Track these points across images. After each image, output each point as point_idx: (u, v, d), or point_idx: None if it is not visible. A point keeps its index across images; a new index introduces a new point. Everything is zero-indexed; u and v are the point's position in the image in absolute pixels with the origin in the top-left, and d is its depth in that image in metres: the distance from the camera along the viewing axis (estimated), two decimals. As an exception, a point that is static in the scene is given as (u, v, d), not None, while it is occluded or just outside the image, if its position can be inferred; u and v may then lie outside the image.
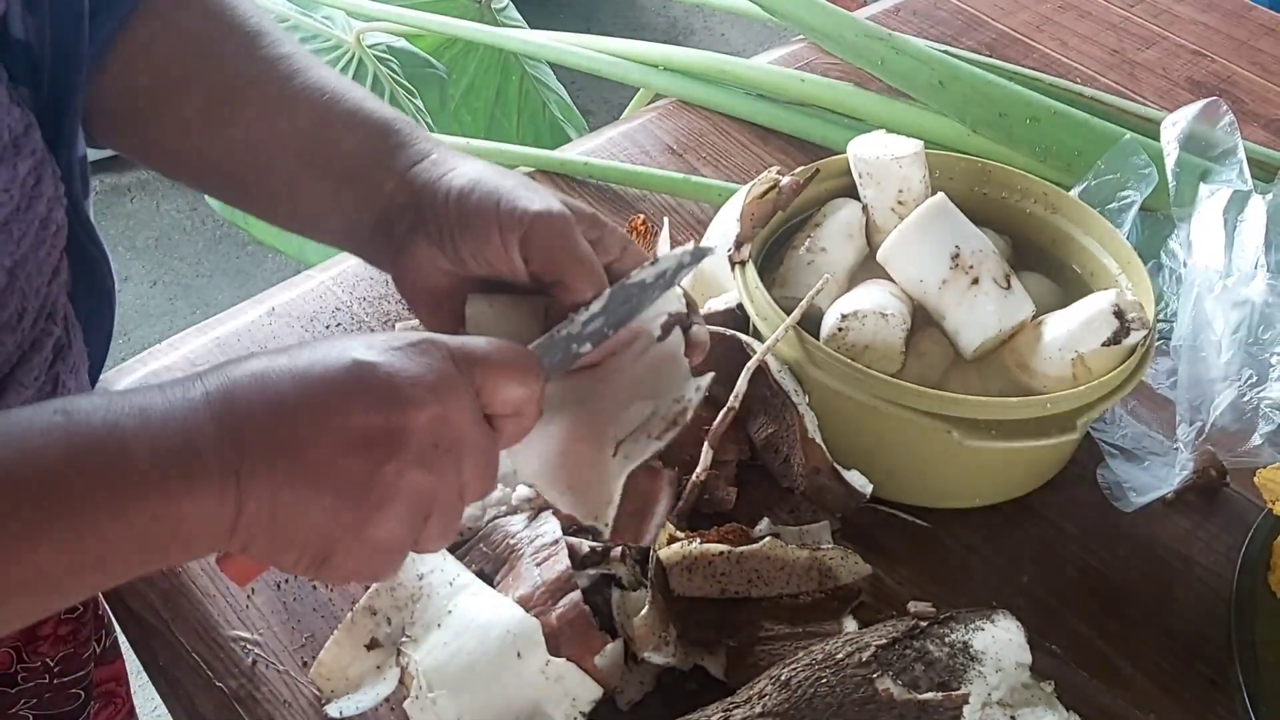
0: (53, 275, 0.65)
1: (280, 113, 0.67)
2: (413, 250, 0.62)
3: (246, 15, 0.70)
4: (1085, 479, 0.83)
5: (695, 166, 1.09)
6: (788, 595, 0.70)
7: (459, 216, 0.60)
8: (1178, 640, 0.76)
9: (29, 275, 0.62)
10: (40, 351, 0.66)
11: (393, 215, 0.63)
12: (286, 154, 0.67)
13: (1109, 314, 0.76)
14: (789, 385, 0.77)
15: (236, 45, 0.68)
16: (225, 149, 0.68)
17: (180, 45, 0.69)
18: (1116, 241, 0.85)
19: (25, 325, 0.63)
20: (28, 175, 0.61)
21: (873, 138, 0.86)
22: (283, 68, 0.68)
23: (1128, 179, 0.95)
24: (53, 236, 0.64)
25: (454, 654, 0.64)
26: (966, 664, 0.65)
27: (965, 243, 0.79)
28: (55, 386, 0.69)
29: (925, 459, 0.78)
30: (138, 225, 2.59)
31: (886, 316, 0.77)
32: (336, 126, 0.66)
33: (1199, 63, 1.29)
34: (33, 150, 0.61)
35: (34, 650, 0.79)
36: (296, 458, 0.49)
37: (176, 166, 0.73)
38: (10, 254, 0.60)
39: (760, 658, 0.66)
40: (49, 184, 0.63)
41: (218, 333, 0.90)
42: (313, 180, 0.67)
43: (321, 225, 0.69)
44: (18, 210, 0.60)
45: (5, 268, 0.59)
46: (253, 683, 0.69)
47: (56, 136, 0.64)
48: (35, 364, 0.65)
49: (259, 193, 0.70)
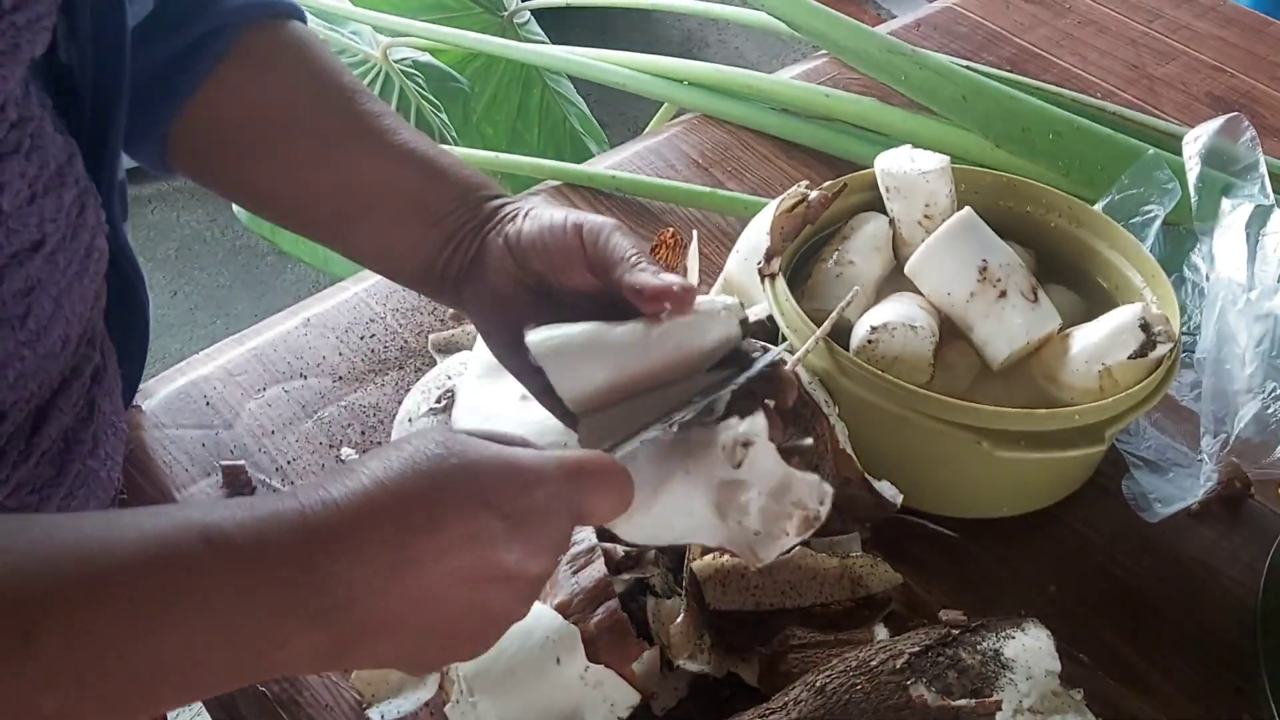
0: (94, 301, 0.66)
1: (385, 164, 0.70)
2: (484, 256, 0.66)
3: (341, 69, 0.73)
4: (1110, 490, 0.84)
5: (720, 180, 1.11)
6: (820, 605, 0.71)
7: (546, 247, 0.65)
8: (1204, 649, 0.77)
9: (73, 303, 0.63)
10: (79, 377, 0.67)
11: (468, 230, 0.68)
12: (383, 202, 0.70)
13: (1135, 327, 0.77)
14: (820, 396, 0.78)
15: (337, 97, 0.72)
16: (324, 190, 0.71)
17: (278, 90, 0.72)
18: (1141, 255, 0.86)
19: (68, 352, 0.64)
20: (72, 205, 0.62)
21: (899, 152, 0.88)
22: (383, 123, 0.71)
23: (1151, 193, 0.96)
24: (95, 264, 0.65)
25: (494, 659, 0.65)
26: (998, 671, 0.66)
27: (992, 256, 0.80)
28: (92, 410, 0.70)
29: (954, 469, 0.79)
30: (158, 236, 2.61)
31: (915, 329, 0.78)
32: (436, 183, 0.70)
33: (1218, 78, 1.30)
34: (76, 179, 0.62)
35: None
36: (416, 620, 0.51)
37: (258, 204, 0.76)
38: (56, 283, 0.61)
39: (793, 665, 0.67)
40: (92, 213, 0.64)
41: (254, 343, 0.92)
42: (405, 226, 0.70)
43: (402, 267, 0.72)
44: (64, 240, 0.61)
45: (51, 296, 0.60)
46: (294, 686, 0.71)
47: (98, 165, 0.66)
48: (74, 390, 0.66)
49: (345, 233, 0.73)
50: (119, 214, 0.72)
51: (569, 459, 0.54)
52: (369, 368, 0.90)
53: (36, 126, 0.59)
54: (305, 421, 0.86)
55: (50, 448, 0.66)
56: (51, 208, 0.60)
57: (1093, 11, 1.40)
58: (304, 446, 0.84)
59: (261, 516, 0.48)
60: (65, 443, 0.68)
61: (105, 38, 0.64)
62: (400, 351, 0.91)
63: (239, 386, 0.88)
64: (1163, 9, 1.41)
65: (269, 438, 0.84)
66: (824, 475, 0.78)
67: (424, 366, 0.89)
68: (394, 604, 0.48)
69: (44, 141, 0.59)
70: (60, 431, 0.66)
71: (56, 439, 0.66)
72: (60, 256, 0.61)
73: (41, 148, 0.59)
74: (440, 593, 0.50)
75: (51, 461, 0.67)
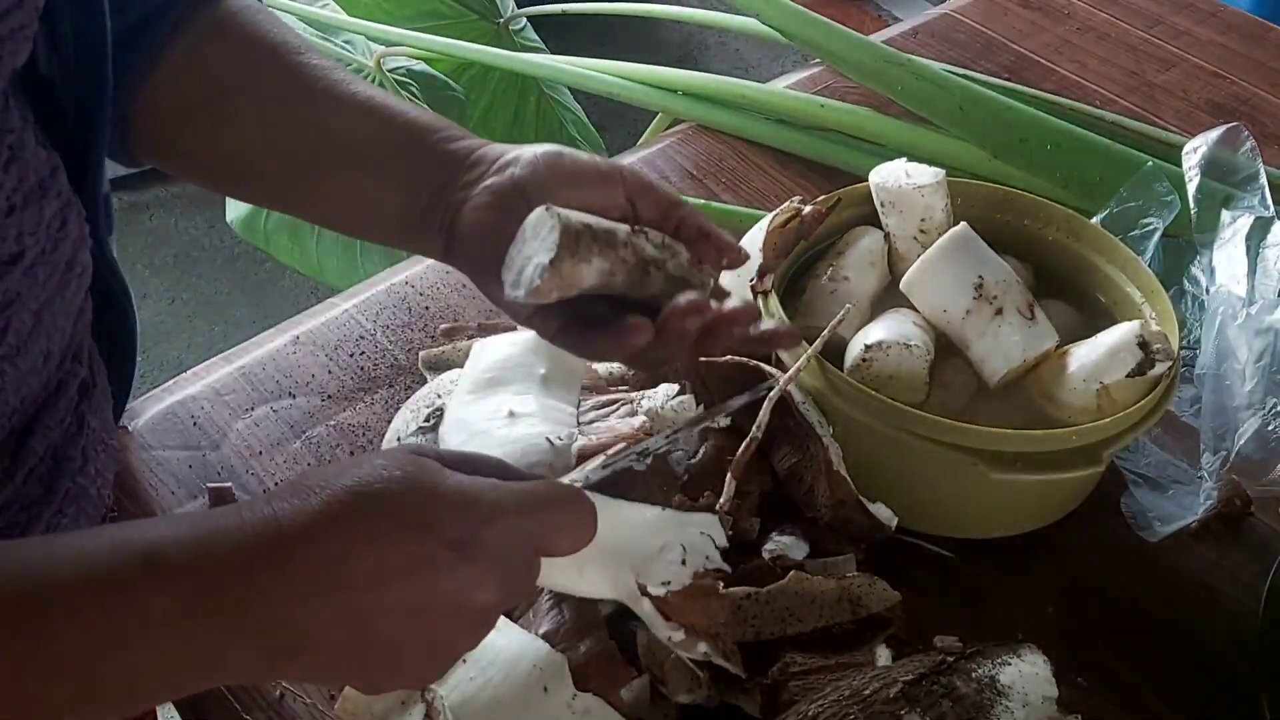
0: (77, 316, 0.66)
1: (341, 114, 0.70)
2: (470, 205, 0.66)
3: (288, 30, 0.74)
4: (1109, 508, 0.83)
5: (715, 192, 1.10)
6: (820, 629, 0.70)
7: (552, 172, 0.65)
8: (1204, 670, 0.75)
9: (54, 317, 0.62)
10: (65, 392, 0.66)
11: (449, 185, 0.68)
12: (343, 153, 0.70)
13: (1134, 345, 0.76)
14: (813, 417, 0.77)
15: (289, 57, 0.72)
16: (285, 148, 0.71)
17: (229, 57, 0.72)
18: (1140, 270, 0.85)
19: (50, 367, 0.63)
20: (53, 218, 0.61)
21: (894, 166, 0.87)
22: (333, 76, 0.71)
23: (1150, 206, 0.95)
24: (78, 278, 0.65)
25: (480, 688, 0.65)
26: (993, 699, 0.65)
27: (989, 272, 0.79)
28: (80, 426, 0.69)
29: (950, 490, 0.78)
30: (156, 242, 2.60)
31: (910, 347, 0.77)
32: (394, 127, 0.70)
33: (1218, 84, 1.29)
34: (59, 192, 0.62)
35: None
36: None
37: (228, 175, 0.76)
38: (36, 297, 0.60)
39: (794, 693, 0.66)
40: (74, 225, 0.63)
41: (242, 362, 0.91)
42: (366, 178, 0.70)
43: (373, 223, 0.72)
44: (44, 253, 0.60)
45: (31, 310, 0.60)
46: (280, 716, 0.70)
47: (81, 177, 0.65)
48: (61, 405, 0.66)
49: (313, 194, 0.73)
50: (104, 228, 0.71)
51: (528, 491, 0.54)
52: (358, 386, 0.89)
53: (16, 139, 0.58)
54: (294, 442, 0.85)
55: (38, 465, 0.65)
56: (31, 220, 0.59)
57: (1092, 18, 1.39)
58: (292, 468, 0.83)
59: (203, 534, 0.48)
60: (54, 460, 0.67)
61: (86, 47, 0.64)
62: (390, 369, 0.90)
63: (227, 406, 0.87)
64: (1163, 15, 1.39)
65: (256, 459, 0.83)
66: (817, 495, 0.77)
67: (414, 384, 0.88)
68: (326, 623, 0.48)
69: (24, 154, 0.59)
70: (48, 448, 0.66)
71: (44, 456, 0.66)
72: (40, 270, 0.60)
73: (21, 160, 0.58)
74: (377, 616, 0.49)
75: (40, 479, 0.66)
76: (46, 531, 0.68)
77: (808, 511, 0.78)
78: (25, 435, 0.63)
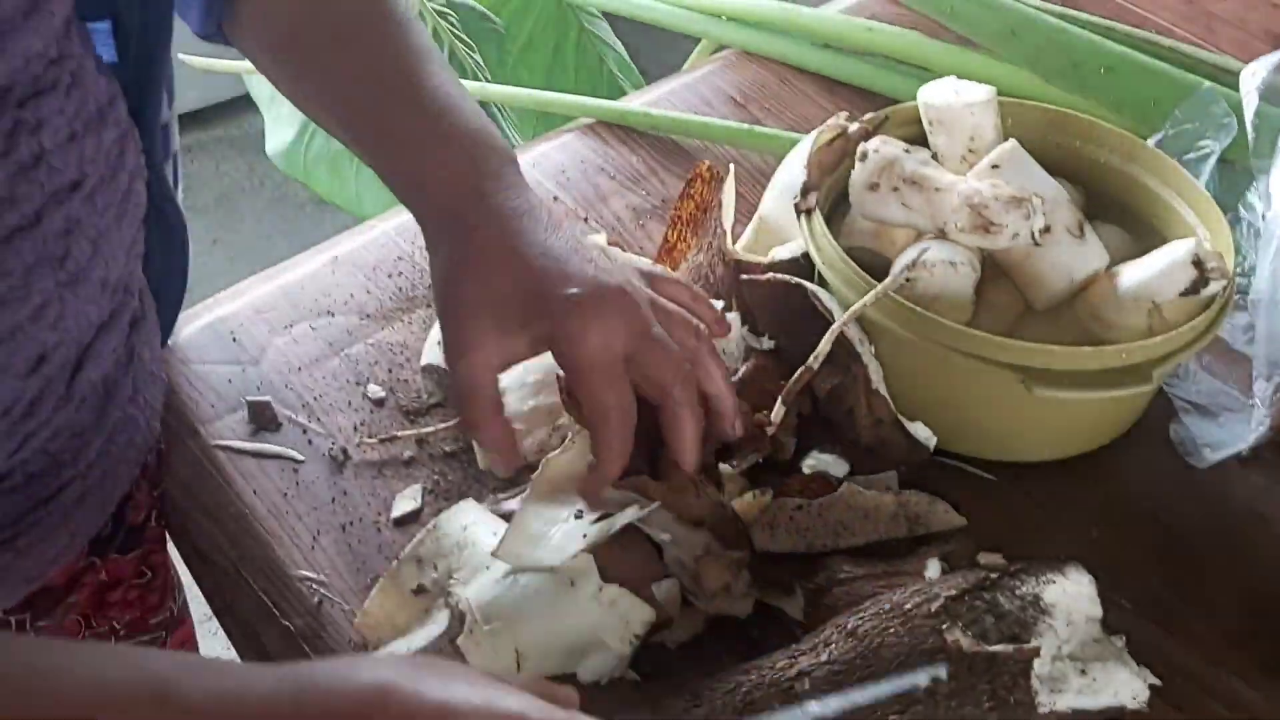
0: (131, 247, 0.66)
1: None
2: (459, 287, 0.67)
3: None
4: (1157, 436, 0.82)
5: (758, 118, 1.08)
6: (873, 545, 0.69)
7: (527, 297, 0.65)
8: (1251, 597, 0.74)
9: (111, 246, 0.62)
10: (119, 323, 0.66)
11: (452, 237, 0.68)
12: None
13: (1187, 263, 0.74)
14: (854, 334, 0.75)
15: None
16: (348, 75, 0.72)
17: None
18: (1195, 192, 0.82)
19: (106, 296, 0.64)
20: (112, 146, 0.61)
21: (943, 84, 0.84)
22: (414, 27, 0.73)
23: (1206, 129, 0.92)
24: (133, 208, 0.65)
25: (507, 588, 0.64)
26: (1037, 617, 0.64)
27: (1037, 190, 0.77)
28: (131, 357, 0.70)
29: (994, 410, 0.77)
30: (198, 185, 2.61)
31: (956, 266, 0.75)
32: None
33: (1277, 15, 1.25)
34: (117, 121, 0.62)
35: (103, 616, 0.80)
36: None
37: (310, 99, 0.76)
38: (95, 225, 0.60)
39: (839, 599, 0.65)
40: (132, 156, 0.64)
41: (281, 280, 0.91)
42: None
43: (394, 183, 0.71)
44: (102, 181, 0.60)
45: (90, 238, 0.60)
46: (319, 622, 0.70)
47: (141, 107, 0.65)
48: (114, 335, 0.66)
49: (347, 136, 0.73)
50: (161, 156, 0.71)
51: (513, 710, 0.49)
52: (397, 305, 0.89)
53: (77, 65, 0.58)
54: (332, 359, 0.85)
55: (90, 393, 0.66)
56: (92, 148, 0.59)
57: (1149, -55, 1.35)
58: (330, 383, 0.83)
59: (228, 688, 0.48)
60: (105, 389, 0.68)
61: None
62: (428, 289, 0.89)
63: (266, 323, 0.87)
64: (1222, -58, 1.35)
65: (295, 374, 0.83)
66: (857, 416, 0.76)
67: (452, 304, 0.88)
68: None
69: (85, 80, 0.59)
70: (100, 377, 0.66)
71: (96, 384, 0.66)
72: (99, 198, 0.60)
73: (82, 86, 0.58)
74: None
75: (92, 407, 0.67)
76: (97, 460, 0.69)
77: (847, 433, 0.77)
78: (80, 363, 0.64)
